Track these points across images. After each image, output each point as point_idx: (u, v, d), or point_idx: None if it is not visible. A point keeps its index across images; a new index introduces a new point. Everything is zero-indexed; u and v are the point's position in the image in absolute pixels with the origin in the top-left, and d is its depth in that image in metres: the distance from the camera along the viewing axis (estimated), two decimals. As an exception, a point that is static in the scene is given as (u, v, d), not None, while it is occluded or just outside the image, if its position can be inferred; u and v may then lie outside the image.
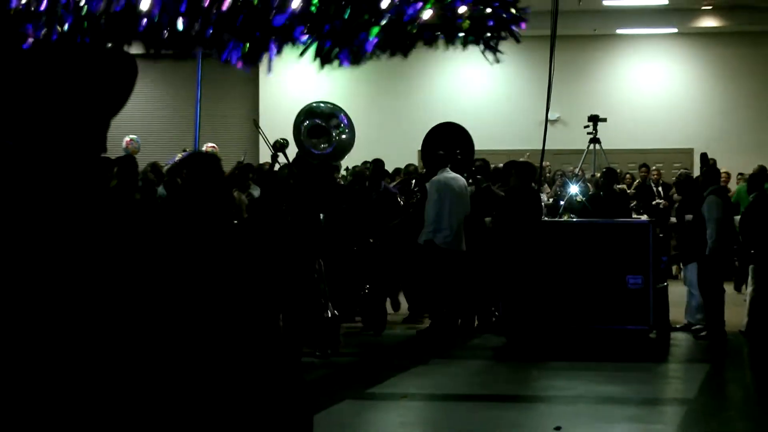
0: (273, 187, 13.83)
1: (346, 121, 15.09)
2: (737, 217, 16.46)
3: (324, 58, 1.72)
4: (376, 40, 1.72)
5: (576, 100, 25.54)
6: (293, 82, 29.30)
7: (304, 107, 15.43)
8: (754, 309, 15.84)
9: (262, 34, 1.61)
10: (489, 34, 1.88)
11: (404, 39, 1.77)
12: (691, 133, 27.56)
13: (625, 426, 10.91)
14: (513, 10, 1.88)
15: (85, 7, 1.56)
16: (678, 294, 16.49)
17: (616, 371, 13.34)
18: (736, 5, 26.49)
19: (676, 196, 20.62)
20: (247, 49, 1.66)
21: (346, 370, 13.35)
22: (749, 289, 16.07)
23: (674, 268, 19.75)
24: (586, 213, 15.84)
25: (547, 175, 22.48)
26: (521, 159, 17.97)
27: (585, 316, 14.35)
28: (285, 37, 1.62)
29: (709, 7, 26.91)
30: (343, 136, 15.04)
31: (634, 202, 19.61)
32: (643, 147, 26.78)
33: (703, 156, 19.35)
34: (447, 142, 16.75)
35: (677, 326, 16.08)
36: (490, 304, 16.33)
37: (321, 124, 14.91)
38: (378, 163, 17.51)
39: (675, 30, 28.02)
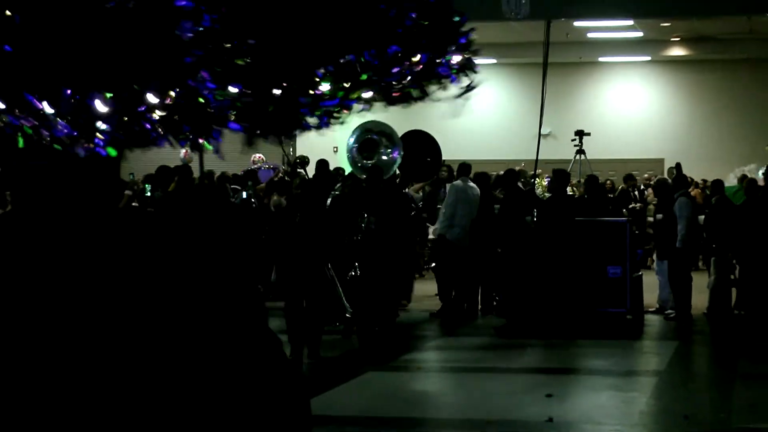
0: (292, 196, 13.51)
1: (395, 142, 15.03)
2: (701, 217, 16.47)
3: (250, 139, 1.74)
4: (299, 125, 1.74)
5: (564, 117, 25.53)
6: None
7: (365, 124, 15.11)
8: (715, 295, 15.85)
9: (203, 128, 1.64)
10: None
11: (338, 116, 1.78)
12: (662, 145, 27.54)
13: (606, 393, 10.93)
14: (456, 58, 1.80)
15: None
16: (651, 282, 16.48)
17: (598, 347, 13.41)
18: (701, 37, 26.44)
19: (651, 197, 20.62)
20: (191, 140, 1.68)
21: (369, 346, 13.34)
22: (711, 278, 16.07)
23: (648, 260, 19.73)
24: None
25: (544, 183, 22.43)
26: (517, 168, 17.97)
27: (572, 300, 14.33)
28: (221, 124, 1.66)
29: (678, 39, 26.86)
30: (384, 158, 14.78)
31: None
32: (621, 157, 26.77)
33: (678, 165, 19.39)
34: (419, 148, 16.61)
35: (650, 309, 16.08)
36: (491, 291, 16.36)
37: (374, 139, 14.71)
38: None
39: (648, 58, 28.01)
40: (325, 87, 1.52)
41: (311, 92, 1.57)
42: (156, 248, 1.68)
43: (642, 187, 23.88)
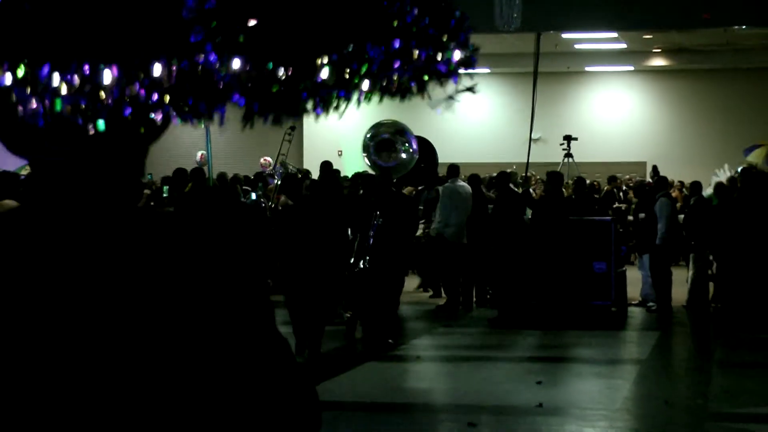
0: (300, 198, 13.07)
1: (412, 139, 14.46)
2: (681, 216, 16.49)
3: (248, 117, 1.64)
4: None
5: (553, 122, 25.52)
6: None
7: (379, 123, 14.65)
8: (694, 288, 15.86)
9: (208, 100, 1.55)
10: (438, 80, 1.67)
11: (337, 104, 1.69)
12: (644, 149, 27.53)
13: (592, 381, 10.97)
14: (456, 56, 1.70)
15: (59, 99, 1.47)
16: (634, 277, 16.49)
17: (585, 337, 13.40)
18: (680, 49, 26.46)
19: (634, 198, 20.63)
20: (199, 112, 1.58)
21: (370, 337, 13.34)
22: (690, 273, 16.09)
23: (632, 256, 19.75)
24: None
25: (533, 183, 22.45)
26: (509, 170, 17.95)
27: (561, 293, 14.33)
28: (225, 99, 1.56)
29: (659, 50, 26.89)
30: (404, 156, 14.25)
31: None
32: (606, 160, 26.76)
33: (654, 168, 19.41)
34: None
35: (633, 302, 16.09)
36: (485, 285, 16.37)
37: (390, 139, 14.15)
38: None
39: (631, 68, 28.02)
40: (324, 74, 1.47)
41: (312, 79, 1.52)
42: (170, 246, 1.61)
43: (625, 188, 23.93)
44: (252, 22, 1.48)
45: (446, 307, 15.91)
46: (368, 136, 14.36)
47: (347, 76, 1.62)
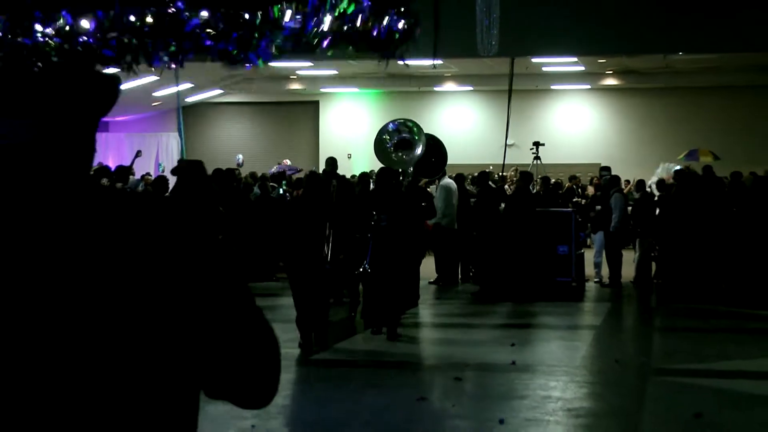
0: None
1: (411, 122, 13.45)
2: (630, 208, 16.47)
3: (230, 59, 1.54)
4: (270, 48, 1.55)
5: (524, 131, 25.44)
6: (341, 116, 29.32)
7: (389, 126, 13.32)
8: (640, 267, 15.87)
9: (177, 41, 1.45)
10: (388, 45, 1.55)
11: (305, 46, 1.58)
12: (599, 152, 27.42)
13: (556, 342, 10.94)
14: (403, 23, 1.59)
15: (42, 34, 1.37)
16: (590, 258, 16.47)
17: (550, 307, 13.35)
18: (628, 71, 26.41)
19: (591, 193, 20.59)
20: (171, 52, 1.47)
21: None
22: (637, 254, 16.09)
23: (588, 240, 19.72)
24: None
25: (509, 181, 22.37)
26: (487, 170, 17.89)
27: (531, 272, 14.30)
28: (196, 42, 1.46)
29: (611, 72, 26.82)
30: (418, 151, 13.14)
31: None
32: (568, 162, 26.66)
33: (604, 168, 19.36)
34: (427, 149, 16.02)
35: (594, 280, 16.07)
36: (468, 264, 16.32)
37: (402, 138, 12.97)
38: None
39: (588, 86, 27.94)
40: (287, 16, 1.38)
41: (271, 22, 1.42)
42: (128, 219, 1.47)
43: (582, 184, 23.90)
44: None
45: (437, 281, 15.80)
46: (386, 137, 13.11)
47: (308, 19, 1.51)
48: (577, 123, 28.54)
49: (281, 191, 17.55)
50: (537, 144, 19.64)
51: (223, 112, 30.05)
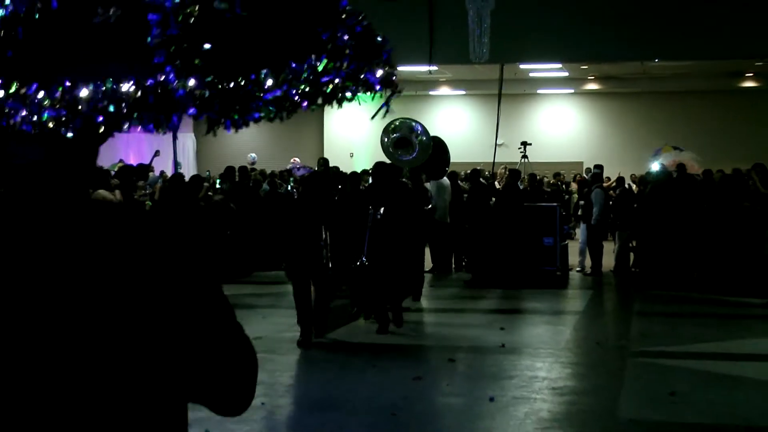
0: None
1: (420, 128, 12.86)
2: (610, 203, 16.46)
3: (210, 126, 1.54)
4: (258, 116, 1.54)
5: (513, 132, 25.39)
6: (344, 119, 29.26)
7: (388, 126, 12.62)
8: (619, 257, 15.86)
9: (165, 113, 1.44)
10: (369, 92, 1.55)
11: (287, 109, 1.55)
12: (581, 152, 27.43)
13: (542, 327, 10.91)
14: (380, 72, 1.57)
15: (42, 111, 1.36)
16: (574, 249, 16.45)
17: (536, 294, 13.32)
18: (609, 77, 26.40)
19: (574, 188, 20.57)
20: (159, 122, 1.47)
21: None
22: (616, 246, 16.08)
23: (573, 232, 19.70)
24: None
25: (499, 178, 22.35)
26: (479, 168, 17.83)
27: (519, 261, 14.28)
28: (182, 110, 1.45)
29: (593, 78, 26.80)
30: (424, 138, 12.62)
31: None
32: (553, 160, 26.63)
33: (591, 167, 19.31)
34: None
35: (577, 269, 16.04)
36: (461, 254, 16.29)
37: (404, 137, 12.47)
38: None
39: (572, 91, 27.89)
40: (269, 83, 1.37)
41: (257, 89, 1.41)
42: (122, 232, 1.50)
43: (566, 180, 23.88)
44: (206, 46, 1.38)
45: (432, 270, 15.76)
46: (387, 139, 12.60)
47: (288, 83, 1.50)
48: (561, 124, 28.49)
49: (289, 188, 17.52)
50: (524, 144, 19.60)
51: (235, 115, 30.05)
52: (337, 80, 1.51)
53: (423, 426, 6.70)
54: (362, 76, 1.55)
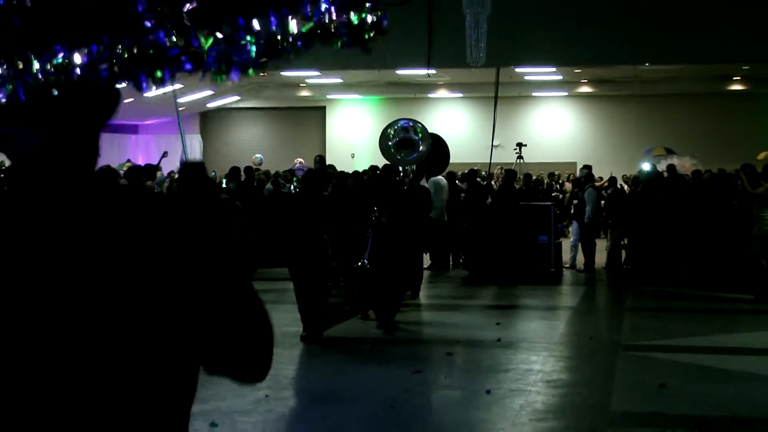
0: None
1: (409, 123, 12.35)
2: (603, 202, 16.48)
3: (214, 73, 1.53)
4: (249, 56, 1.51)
5: (509, 133, 25.41)
6: (346, 120, 29.26)
7: (389, 128, 12.17)
8: (611, 254, 15.87)
9: (161, 66, 1.44)
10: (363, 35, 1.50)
11: (281, 52, 1.52)
12: (574, 153, 27.42)
13: (537, 321, 10.92)
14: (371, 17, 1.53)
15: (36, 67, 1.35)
16: (567, 247, 16.46)
17: (531, 290, 13.33)
18: (602, 80, 26.41)
19: (568, 187, 20.56)
20: (157, 78, 1.47)
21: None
22: (608, 243, 16.09)
23: (567, 231, 19.68)
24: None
25: (495, 178, 22.33)
26: (476, 168, 17.84)
27: (515, 258, 14.28)
28: (177, 66, 1.45)
29: (586, 81, 26.80)
30: (419, 127, 12.17)
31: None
32: (547, 161, 26.64)
33: (585, 166, 19.29)
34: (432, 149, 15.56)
35: (567, 265, 16.07)
36: (459, 252, 16.30)
37: (407, 137, 11.94)
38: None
39: (566, 93, 27.91)
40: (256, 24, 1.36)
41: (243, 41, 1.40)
42: (136, 212, 1.49)
43: (561, 180, 23.87)
44: (189, 6, 1.40)
45: (431, 267, 15.76)
46: (389, 142, 12.09)
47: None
48: (555, 126, 28.50)
49: (292, 187, 17.53)
50: (520, 145, 19.59)
51: (240, 116, 30.07)
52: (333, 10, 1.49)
53: (422, 417, 6.72)
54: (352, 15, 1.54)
